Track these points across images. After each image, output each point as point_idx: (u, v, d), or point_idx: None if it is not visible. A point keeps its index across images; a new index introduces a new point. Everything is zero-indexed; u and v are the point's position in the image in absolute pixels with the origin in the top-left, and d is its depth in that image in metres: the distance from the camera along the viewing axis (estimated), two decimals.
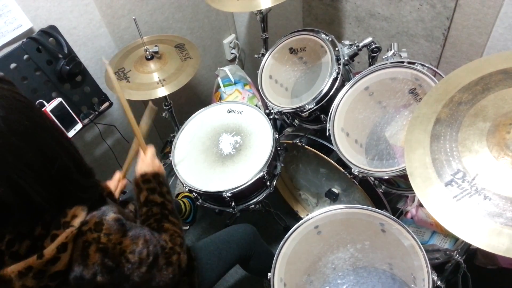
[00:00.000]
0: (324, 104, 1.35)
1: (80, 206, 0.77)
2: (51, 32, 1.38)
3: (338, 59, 1.34)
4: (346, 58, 1.36)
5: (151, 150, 1.12)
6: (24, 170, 0.67)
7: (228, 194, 1.29)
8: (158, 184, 1.04)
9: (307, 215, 1.14)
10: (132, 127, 1.11)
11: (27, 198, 0.69)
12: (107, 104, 1.62)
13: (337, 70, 1.32)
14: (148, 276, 0.82)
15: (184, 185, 1.35)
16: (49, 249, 0.72)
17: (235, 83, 2.04)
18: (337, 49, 1.36)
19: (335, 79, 1.32)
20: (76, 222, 0.74)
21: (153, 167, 1.07)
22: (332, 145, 1.26)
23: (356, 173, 1.21)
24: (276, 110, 1.46)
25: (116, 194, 1.17)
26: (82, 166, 0.80)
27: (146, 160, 1.09)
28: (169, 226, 0.96)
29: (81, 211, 0.76)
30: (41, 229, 0.73)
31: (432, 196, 0.79)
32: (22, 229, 0.73)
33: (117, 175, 1.21)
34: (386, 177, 1.17)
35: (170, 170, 1.48)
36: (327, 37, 1.39)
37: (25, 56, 1.34)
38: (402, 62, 1.20)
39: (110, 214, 0.79)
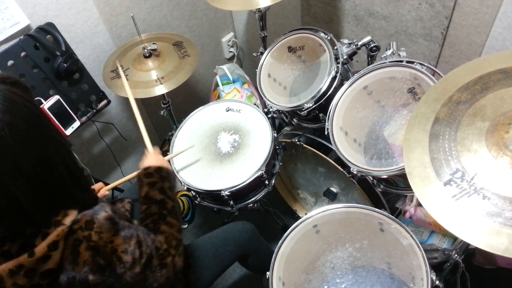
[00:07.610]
0: (323, 103, 1.35)
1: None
2: (48, 29, 1.37)
3: (337, 58, 1.34)
4: (345, 57, 1.36)
5: (155, 148, 1.16)
6: (19, 178, 0.68)
7: (227, 192, 1.28)
8: (160, 178, 1.03)
9: (306, 214, 1.14)
10: (140, 130, 1.20)
11: (18, 204, 0.69)
12: (105, 102, 1.61)
13: (335, 69, 1.32)
14: (141, 277, 0.81)
15: (183, 184, 1.35)
16: (40, 247, 0.72)
17: (234, 82, 2.03)
18: (335, 48, 1.35)
19: (333, 78, 1.32)
20: (67, 221, 0.74)
21: (156, 161, 1.07)
22: (331, 144, 1.26)
23: (354, 172, 1.21)
24: (275, 109, 1.46)
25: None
26: (79, 180, 0.80)
27: (150, 156, 1.11)
28: (165, 228, 0.93)
29: (72, 210, 0.76)
30: (32, 228, 0.73)
31: (431, 195, 0.79)
32: (14, 229, 0.73)
33: (99, 185, 1.23)
34: (385, 176, 1.17)
35: None
36: (326, 36, 1.38)
37: (23, 54, 1.33)
38: (401, 61, 1.20)
39: (101, 213, 0.79)
